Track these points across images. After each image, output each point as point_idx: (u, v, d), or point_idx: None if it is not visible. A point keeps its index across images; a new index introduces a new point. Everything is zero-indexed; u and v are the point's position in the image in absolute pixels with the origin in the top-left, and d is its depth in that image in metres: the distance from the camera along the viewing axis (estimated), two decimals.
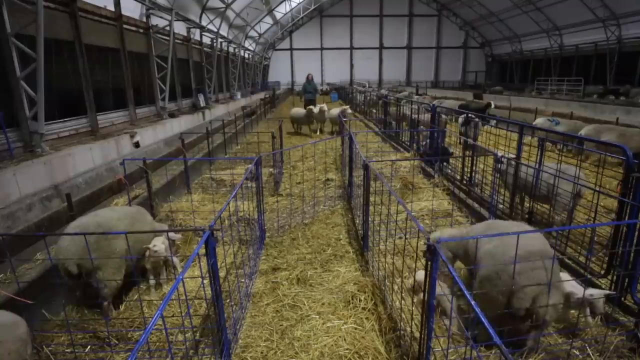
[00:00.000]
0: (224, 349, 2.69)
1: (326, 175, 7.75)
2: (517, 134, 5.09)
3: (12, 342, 2.24)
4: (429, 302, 2.26)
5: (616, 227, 3.37)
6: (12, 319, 2.40)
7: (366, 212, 4.37)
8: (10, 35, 6.47)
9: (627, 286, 3.19)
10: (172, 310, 3.48)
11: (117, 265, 3.35)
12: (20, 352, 2.28)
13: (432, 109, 7.92)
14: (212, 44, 20.15)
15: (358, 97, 20.98)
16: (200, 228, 2.45)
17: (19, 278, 3.33)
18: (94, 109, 9.04)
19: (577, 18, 27.04)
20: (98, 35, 9.69)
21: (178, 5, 13.80)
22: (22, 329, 2.38)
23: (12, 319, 2.40)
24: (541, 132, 6.88)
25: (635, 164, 3.24)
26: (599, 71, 27.02)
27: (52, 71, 7.74)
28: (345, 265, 4.29)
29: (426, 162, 7.91)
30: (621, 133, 8.30)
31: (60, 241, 3.28)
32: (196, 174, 7.88)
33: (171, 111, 13.61)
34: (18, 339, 2.30)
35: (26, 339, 2.39)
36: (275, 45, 41.87)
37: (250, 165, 4.37)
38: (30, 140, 6.78)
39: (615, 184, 5.32)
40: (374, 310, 3.39)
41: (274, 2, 30.08)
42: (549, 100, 20.29)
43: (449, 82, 42.77)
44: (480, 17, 37.79)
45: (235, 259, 4.12)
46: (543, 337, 2.95)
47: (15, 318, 2.42)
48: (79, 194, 6.42)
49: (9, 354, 2.19)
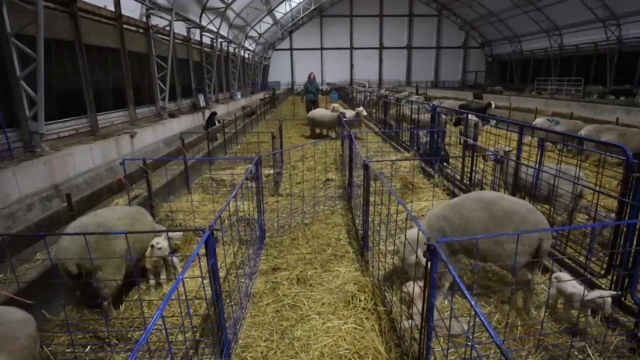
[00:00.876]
0: (224, 349, 2.69)
1: (326, 175, 7.75)
2: (517, 133, 5.09)
3: (24, 338, 2.26)
4: (429, 302, 2.26)
5: (616, 227, 3.37)
6: (23, 316, 2.42)
7: (366, 212, 4.37)
8: (10, 35, 6.47)
9: (627, 286, 3.19)
10: (172, 310, 3.48)
11: (117, 265, 3.35)
12: (30, 349, 2.30)
13: (432, 109, 7.92)
14: (212, 44, 20.16)
15: (358, 97, 20.98)
16: (200, 228, 2.45)
17: (19, 278, 3.33)
18: (94, 109, 9.05)
19: (577, 18, 27.05)
20: (98, 35, 9.69)
21: (178, 5, 13.80)
22: (32, 326, 2.40)
23: (23, 316, 2.42)
24: (541, 132, 6.89)
25: (635, 164, 3.24)
26: (599, 71, 27.03)
27: (52, 71, 7.75)
28: (345, 265, 4.29)
29: (426, 162, 7.92)
30: (621, 133, 8.30)
31: (60, 241, 3.28)
32: (196, 174, 7.88)
33: (171, 111, 13.61)
34: (29, 336, 2.32)
35: (36, 336, 2.41)
36: (275, 45, 41.88)
37: (250, 165, 4.37)
38: (30, 140, 6.78)
39: (615, 184, 5.32)
40: (374, 310, 3.39)
41: (274, 2, 30.08)
42: (549, 100, 20.29)
43: (449, 82, 42.79)
44: (480, 17, 37.81)
45: (235, 259, 4.12)
46: (543, 337, 2.95)
47: (26, 315, 2.44)
48: (79, 194, 6.42)
49: (21, 350, 2.21)
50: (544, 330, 3.03)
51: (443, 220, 3.42)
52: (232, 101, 22.64)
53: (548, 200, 4.58)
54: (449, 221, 3.38)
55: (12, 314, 2.40)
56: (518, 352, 2.85)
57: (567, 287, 3.03)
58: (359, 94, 21.02)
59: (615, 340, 2.87)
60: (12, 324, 2.31)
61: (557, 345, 2.91)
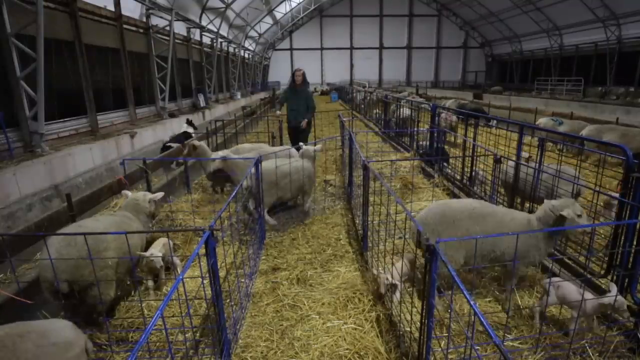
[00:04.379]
0: (224, 349, 2.69)
1: (326, 175, 7.75)
2: (517, 133, 5.09)
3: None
4: (429, 302, 2.26)
5: (616, 227, 3.37)
6: (66, 337, 2.15)
7: (365, 213, 4.37)
8: (10, 35, 6.47)
9: (627, 286, 3.19)
10: (172, 310, 3.48)
11: (110, 278, 3.17)
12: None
13: (432, 108, 7.92)
14: (212, 44, 20.16)
15: (358, 97, 20.99)
16: (200, 228, 2.45)
17: (19, 278, 3.33)
18: (94, 109, 9.05)
19: (577, 18, 27.04)
20: (98, 35, 9.69)
21: (178, 5, 13.80)
22: (76, 349, 2.15)
23: (65, 338, 2.14)
24: (542, 132, 6.88)
25: (635, 164, 3.24)
26: (599, 71, 27.02)
27: (52, 71, 7.75)
28: (345, 265, 4.30)
29: (426, 162, 7.91)
30: (623, 133, 8.29)
31: (45, 256, 2.84)
32: (196, 174, 7.88)
33: (171, 111, 13.62)
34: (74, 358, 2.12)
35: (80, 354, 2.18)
36: (275, 45, 41.87)
37: (250, 165, 4.37)
38: (30, 140, 6.78)
39: (615, 184, 5.32)
40: (374, 310, 3.39)
41: (274, 2, 30.09)
42: (549, 100, 20.30)
43: (449, 82, 42.79)
44: (480, 17, 37.80)
45: (235, 259, 4.12)
46: (543, 337, 2.95)
47: (71, 334, 2.18)
48: (79, 194, 6.40)
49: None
50: (544, 330, 3.03)
51: None
52: (232, 101, 22.64)
53: None
54: None
55: (53, 323, 2.24)
56: (518, 352, 2.85)
57: (572, 295, 2.91)
58: (358, 93, 21.04)
59: (615, 340, 2.87)
60: (64, 331, 2.15)
61: (557, 345, 2.91)
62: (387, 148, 10.52)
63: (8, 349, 2.02)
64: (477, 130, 6.94)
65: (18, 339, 2.06)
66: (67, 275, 2.90)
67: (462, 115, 8.17)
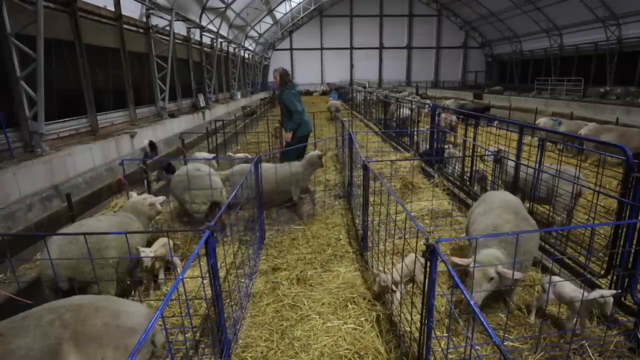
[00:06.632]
0: (224, 349, 2.69)
1: (326, 175, 7.75)
2: (517, 133, 5.09)
3: None
4: (429, 302, 2.26)
5: (616, 227, 3.37)
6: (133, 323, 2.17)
7: (365, 213, 4.37)
8: (10, 35, 6.47)
9: (627, 286, 3.19)
10: (172, 310, 3.48)
11: (110, 277, 3.21)
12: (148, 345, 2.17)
13: (432, 108, 7.92)
14: (212, 44, 20.15)
15: (358, 97, 20.99)
16: (200, 228, 2.45)
17: (19, 278, 3.33)
18: (94, 109, 9.04)
19: (577, 18, 27.03)
20: (98, 35, 9.69)
21: (178, 5, 13.80)
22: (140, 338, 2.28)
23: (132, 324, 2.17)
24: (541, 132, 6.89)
25: (635, 163, 3.24)
26: (599, 71, 27.01)
27: (52, 71, 7.74)
28: (345, 266, 4.30)
29: (426, 162, 7.91)
30: (621, 133, 8.29)
31: (47, 255, 2.89)
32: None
33: (171, 111, 13.61)
34: None
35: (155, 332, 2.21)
36: (275, 45, 41.86)
37: (250, 165, 4.37)
38: (30, 140, 6.78)
39: (615, 184, 5.32)
40: (374, 310, 3.39)
41: (274, 2, 30.08)
42: (549, 100, 20.30)
43: (449, 82, 42.78)
44: (480, 17, 37.79)
45: (235, 259, 4.12)
46: (543, 337, 2.95)
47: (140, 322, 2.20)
48: (79, 194, 6.42)
49: None
50: (544, 330, 3.03)
51: None
52: (232, 101, 22.63)
53: (547, 201, 4.58)
54: None
55: (132, 306, 2.31)
56: (518, 351, 2.85)
57: (566, 292, 2.98)
58: (358, 94, 21.04)
59: (615, 340, 2.87)
60: (135, 317, 2.20)
61: (557, 345, 2.91)
62: (387, 148, 10.52)
63: (79, 318, 2.05)
64: (477, 130, 6.95)
65: (93, 312, 2.09)
66: (69, 271, 2.95)
67: (462, 116, 8.17)
